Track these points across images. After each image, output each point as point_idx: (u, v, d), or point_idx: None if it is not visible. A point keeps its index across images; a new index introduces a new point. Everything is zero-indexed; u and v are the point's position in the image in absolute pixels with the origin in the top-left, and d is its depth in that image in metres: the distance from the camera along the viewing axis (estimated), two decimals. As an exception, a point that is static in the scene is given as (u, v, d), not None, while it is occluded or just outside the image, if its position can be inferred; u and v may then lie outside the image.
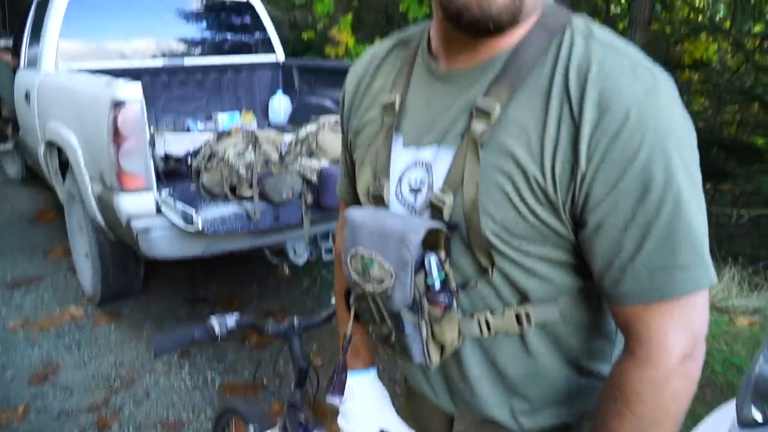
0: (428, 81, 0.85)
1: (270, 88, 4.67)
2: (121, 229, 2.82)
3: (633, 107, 0.68)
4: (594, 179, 0.70)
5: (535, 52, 0.76)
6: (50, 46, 3.78)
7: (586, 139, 0.70)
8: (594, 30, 0.76)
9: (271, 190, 2.55)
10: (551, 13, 0.78)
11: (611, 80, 0.70)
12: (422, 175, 0.82)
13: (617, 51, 0.73)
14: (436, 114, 0.82)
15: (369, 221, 0.82)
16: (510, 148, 0.74)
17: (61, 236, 4.39)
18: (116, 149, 2.58)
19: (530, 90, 0.75)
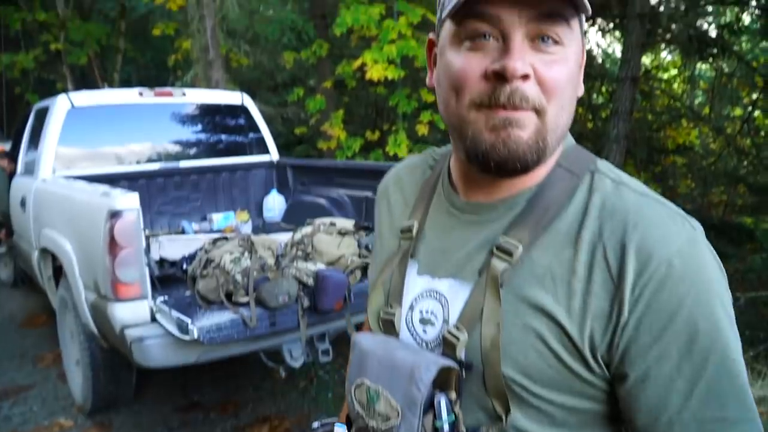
0: (447, 210, 0.85)
1: (264, 187, 4.74)
2: (114, 338, 2.78)
3: (676, 257, 0.67)
4: (638, 329, 0.67)
5: (560, 194, 0.75)
6: (48, 153, 3.85)
7: (629, 288, 0.67)
8: (622, 176, 0.76)
9: (268, 295, 2.53)
10: (574, 154, 0.79)
11: (652, 229, 0.69)
12: (435, 307, 0.80)
13: (651, 199, 0.73)
14: (454, 246, 0.81)
15: (379, 351, 0.79)
16: (535, 293, 0.72)
17: (51, 342, 4.31)
18: (112, 259, 2.58)
19: (556, 233, 0.73)
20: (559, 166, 0.77)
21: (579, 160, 0.78)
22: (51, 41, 9.74)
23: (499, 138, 0.71)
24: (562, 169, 0.76)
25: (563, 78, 0.71)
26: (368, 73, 6.20)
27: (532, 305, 0.72)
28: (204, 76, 6.80)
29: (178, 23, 8.87)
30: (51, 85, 10.74)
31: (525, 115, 0.70)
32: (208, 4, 6.50)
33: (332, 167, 4.39)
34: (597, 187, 0.74)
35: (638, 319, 0.67)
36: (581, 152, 0.79)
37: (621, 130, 6.05)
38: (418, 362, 0.74)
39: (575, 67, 0.73)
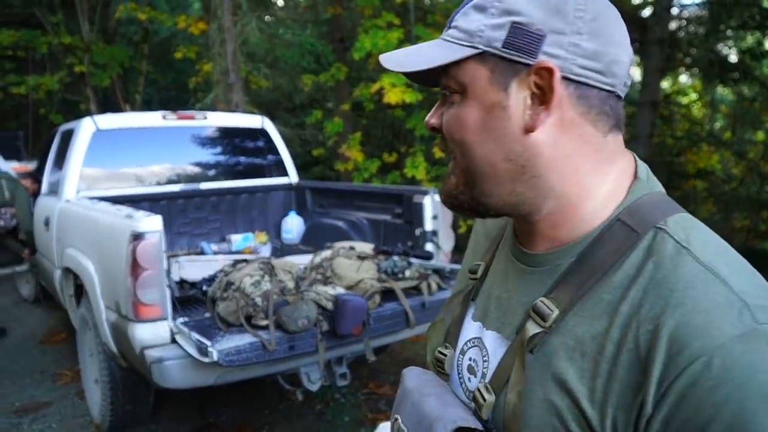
0: (507, 256, 0.82)
1: (283, 209, 4.78)
2: (134, 358, 2.79)
3: (717, 352, 0.56)
4: None
5: (611, 254, 0.68)
6: (73, 174, 3.92)
7: (654, 381, 0.59)
8: (693, 237, 0.65)
9: (287, 319, 2.53)
10: (644, 205, 0.70)
11: (695, 313, 0.59)
12: (479, 358, 0.78)
13: (714, 274, 0.61)
14: (505, 296, 0.78)
15: (415, 393, 0.79)
16: (562, 366, 0.67)
17: (71, 359, 4.35)
18: (133, 280, 2.61)
19: (597, 300, 0.67)
20: (618, 220, 0.69)
21: (647, 213, 0.68)
22: (75, 64, 9.95)
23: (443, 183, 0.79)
24: (620, 223, 0.69)
25: (449, 122, 0.73)
26: (386, 96, 6.26)
27: (557, 379, 0.67)
28: (224, 98, 6.90)
29: (199, 47, 9.03)
30: (74, 106, 10.96)
31: (452, 163, 0.76)
32: (229, 29, 6.62)
33: (351, 190, 4.41)
34: (655, 250, 0.65)
35: (664, 421, 0.59)
36: (656, 204, 0.70)
37: (641, 155, 6.02)
38: (440, 416, 0.73)
39: (476, 108, 0.71)
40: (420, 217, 3.49)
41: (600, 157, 0.71)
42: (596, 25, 0.67)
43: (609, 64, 0.68)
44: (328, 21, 9.02)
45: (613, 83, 0.69)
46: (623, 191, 0.71)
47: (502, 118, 0.69)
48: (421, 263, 3.29)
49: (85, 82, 10.26)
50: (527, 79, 0.68)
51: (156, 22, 10.39)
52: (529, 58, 0.67)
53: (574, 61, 0.67)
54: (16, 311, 5.93)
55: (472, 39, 0.70)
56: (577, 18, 0.67)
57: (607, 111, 0.70)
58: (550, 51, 0.67)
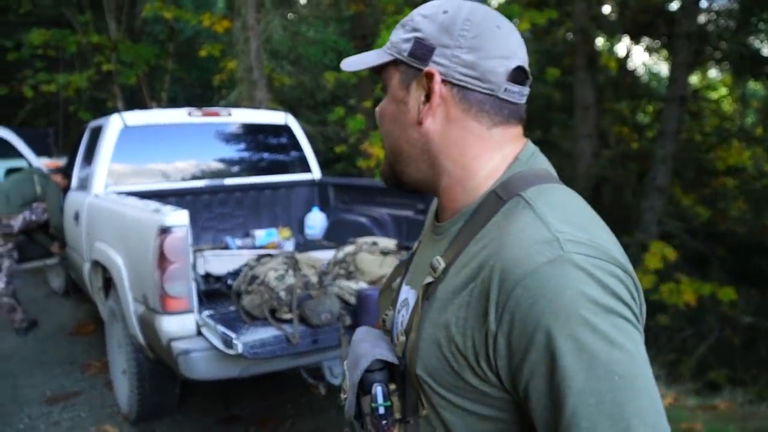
0: (428, 231, 1.00)
1: (306, 204, 4.81)
2: (160, 349, 2.85)
3: (529, 277, 0.71)
4: (508, 348, 0.73)
5: (481, 217, 0.83)
6: (101, 169, 4.00)
7: (493, 305, 0.74)
8: (540, 199, 0.80)
9: (311, 313, 2.57)
10: (515, 179, 0.84)
11: (515, 248, 0.74)
12: (405, 313, 0.95)
13: (540, 220, 0.76)
14: (422, 261, 0.95)
15: (355, 342, 0.96)
16: (442, 306, 0.82)
17: (99, 351, 4.44)
18: (161, 273, 2.66)
19: (468, 253, 0.82)
20: (493, 192, 0.85)
21: (515, 185, 0.83)
22: (103, 62, 10.12)
23: None
24: (494, 194, 0.84)
25: (378, 113, 0.94)
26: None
27: (439, 317, 0.82)
28: (248, 96, 6.97)
29: (223, 44, 9.13)
30: (102, 103, 11.15)
31: None
32: (253, 27, 6.68)
33: (373, 186, 4.43)
34: (510, 210, 0.81)
35: (506, 335, 0.73)
36: (524, 178, 0.85)
37: (668, 151, 5.96)
38: (365, 353, 0.89)
39: (389, 103, 0.91)
40: (442, 212, 3.50)
41: (484, 145, 0.87)
42: (476, 42, 0.84)
43: (484, 73, 0.84)
44: (351, 18, 9.06)
45: (491, 88, 0.84)
46: (502, 170, 0.87)
47: (404, 111, 0.89)
48: (443, 259, 3.29)
49: (112, 80, 10.44)
50: (421, 81, 0.86)
51: (181, 21, 10.52)
52: (423, 65, 0.86)
53: (455, 69, 0.84)
54: (47, 303, 6.07)
55: (392, 49, 0.90)
56: (461, 36, 0.84)
57: (487, 110, 0.86)
58: (437, 60, 0.85)
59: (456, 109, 0.86)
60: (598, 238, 0.75)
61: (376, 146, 7.22)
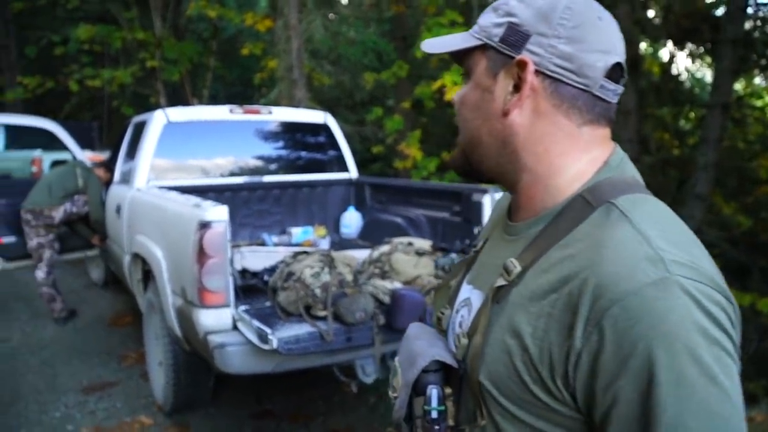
0: (499, 230, 0.94)
1: (342, 204, 4.84)
2: (197, 342, 2.90)
3: (632, 296, 0.66)
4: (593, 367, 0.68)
5: (567, 222, 0.78)
6: (144, 164, 4.09)
7: (581, 320, 0.69)
8: (637, 210, 0.75)
9: (345, 311, 2.58)
10: (604, 185, 0.79)
11: (617, 264, 0.68)
12: (466, 314, 0.91)
13: (642, 236, 0.70)
14: (490, 261, 0.90)
15: (410, 339, 0.92)
16: (516, 312, 0.77)
17: (136, 342, 4.54)
18: (200, 267, 2.71)
19: (550, 258, 0.77)
20: (580, 196, 0.80)
21: (605, 191, 0.78)
22: (147, 59, 10.33)
23: None
24: (581, 198, 0.79)
25: (457, 99, 0.89)
26: (447, 94, 6.25)
27: (511, 323, 0.77)
28: (288, 94, 7.04)
29: (265, 43, 9.23)
30: (145, 99, 11.39)
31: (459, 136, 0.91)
32: (294, 26, 6.74)
33: (410, 187, 4.43)
34: (602, 219, 0.75)
35: (592, 358, 0.68)
36: (615, 185, 0.79)
37: (710, 159, 5.83)
38: (423, 352, 0.86)
39: (472, 90, 0.86)
40: (478, 215, 3.49)
41: (571, 143, 0.82)
42: (576, 33, 0.79)
43: (581, 67, 0.79)
44: (391, 19, 9.07)
45: (587, 83, 0.79)
46: (590, 174, 0.82)
47: (488, 100, 0.84)
48: (478, 262, 3.28)
49: (156, 76, 10.65)
50: (511, 70, 0.81)
51: (224, 19, 10.67)
52: (515, 53, 0.81)
53: (550, 60, 0.79)
54: (86, 294, 6.23)
55: (480, 33, 0.85)
56: (560, 25, 0.79)
57: (579, 106, 0.81)
58: (531, 49, 0.80)
59: (546, 103, 0.81)
60: (699, 260, 0.70)
61: (413, 147, 7.23)
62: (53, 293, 5.20)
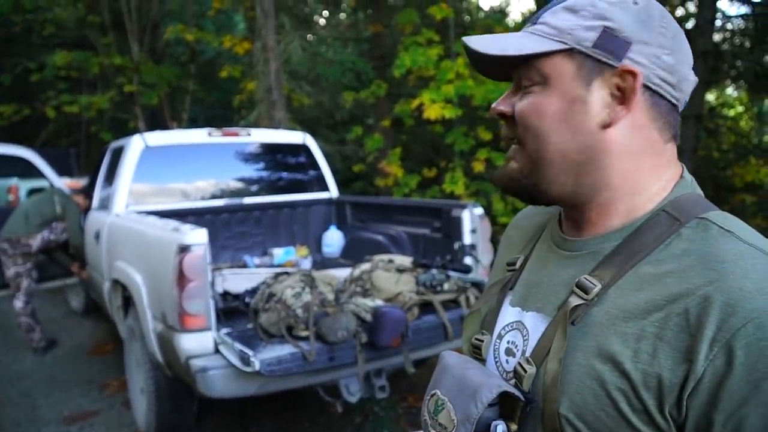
0: (548, 246, 0.87)
1: (324, 223, 4.85)
2: (179, 367, 2.87)
3: (761, 316, 0.61)
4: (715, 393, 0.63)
5: (653, 237, 0.73)
6: (122, 189, 4.06)
7: (706, 342, 0.63)
8: (735, 225, 0.72)
9: (327, 330, 2.58)
10: (688, 202, 0.76)
11: (745, 279, 0.64)
12: (518, 338, 0.82)
13: (760, 251, 0.68)
14: (545, 280, 0.83)
15: (456, 367, 0.82)
16: (604, 334, 0.71)
17: (117, 370, 4.47)
18: (180, 291, 2.69)
19: (641, 274, 0.72)
20: (663, 211, 0.75)
21: (690, 207, 0.75)
22: (125, 83, 10.31)
23: (501, 168, 0.84)
24: (666, 213, 0.75)
25: (526, 110, 0.77)
26: (426, 112, 6.31)
27: (599, 346, 0.70)
28: (267, 116, 7.06)
29: (243, 66, 9.27)
30: (124, 124, 11.33)
31: (514, 148, 0.81)
32: (272, 48, 6.78)
33: (390, 205, 4.45)
34: (699, 234, 0.71)
35: (716, 381, 0.62)
36: (697, 201, 0.76)
37: (686, 168, 5.93)
38: (484, 383, 0.75)
39: (558, 100, 0.76)
40: (458, 230, 3.51)
41: (658, 160, 0.77)
42: (675, 43, 0.75)
43: (680, 81, 0.75)
44: (369, 39, 9.16)
45: (680, 98, 0.76)
46: (669, 189, 0.77)
47: (582, 111, 0.75)
48: (459, 276, 3.30)
49: (134, 101, 10.62)
50: (610, 79, 0.74)
51: (203, 42, 10.70)
52: (616, 61, 0.73)
53: (654, 71, 0.74)
54: (66, 323, 6.13)
55: (563, 36, 0.75)
56: (660, 33, 0.74)
57: (671, 122, 0.77)
58: (634, 57, 0.73)
59: (644, 117, 0.75)
60: None
61: (393, 165, 7.27)
62: (32, 323, 5.11)
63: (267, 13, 6.76)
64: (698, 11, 6.08)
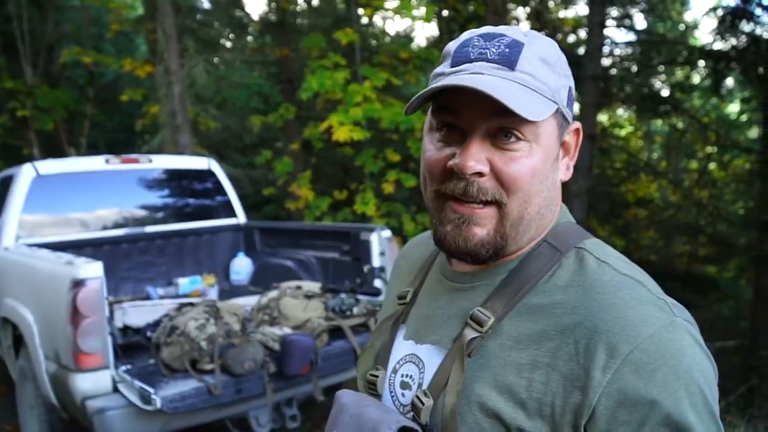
0: (438, 279, 0.88)
1: (231, 250, 4.74)
2: (75, 409, 2.72)
3: (649, 341, 0.66)
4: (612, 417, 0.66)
5: (538, 268, 0.76)
6: (11, 221, 3.82)
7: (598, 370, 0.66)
8: (609, 255, 0.77)
9: (234, 362, 2.52)
10: (565, 231, 0.80)
11: (626, 310, 0.68)
12: (414, 371, 0.82)
13: (633, 280, 0.72)
14: (437, 313, 0.83)
15: (352, 406, 0.82)
16: (499, 366, 0.73)
17: (10, 414, 4.17)
18: (74, 328, 2.55)
19: (530, 305, 0.75)
20: (545, 242, 0.79)
21: (567, 237, 0.79)
22: (18, 108, 9.74)
23: (455, 232, 0.76)
24: (547, 244, 0.78)
25: (523, 174, 0.73)
26: (335, 134, 6.33)
27: (495, 377, 0.72)
28: (172, 140, 6.86)
29: (146, 89, 8.99)
30: (17, 150, 10.68)
31: (483, 212, 0.74)
32: (176, 72, 6.62)
33: (299, 229, 4.43)
34: (579, 265, 0.75)
35: (612, 405, 0.66)
36: (574, 230, 0.81)
37: (582, 186, 6.24)
38: (382, 420, 0.75)
39: (544, 159, 0.74)
40: (368, 253, 3.53)
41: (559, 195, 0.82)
42: None
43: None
44: (276, 62, 9.12)
45: None
46: (554, 220, 0.81)
47: (555, 169, 0.78)
48: (368, 300, 3.31)
49: (28, 126, 10.05)
50: (566, 136, 0.79)
51: (101, 66, 10.30)
52: (570, 118, 0.78)
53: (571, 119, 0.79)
54: (-48, 366, 5.66)
55: (555, 96, 0.75)
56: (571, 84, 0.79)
57: None
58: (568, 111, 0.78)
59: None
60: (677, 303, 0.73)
61: (304, 188, 7.23)
62: None
63: (169, 36, 6.60)
64: (588, 37, 6.46)
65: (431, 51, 7.98)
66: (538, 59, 0.74)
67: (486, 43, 0.75)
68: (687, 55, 7.22)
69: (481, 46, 0.75)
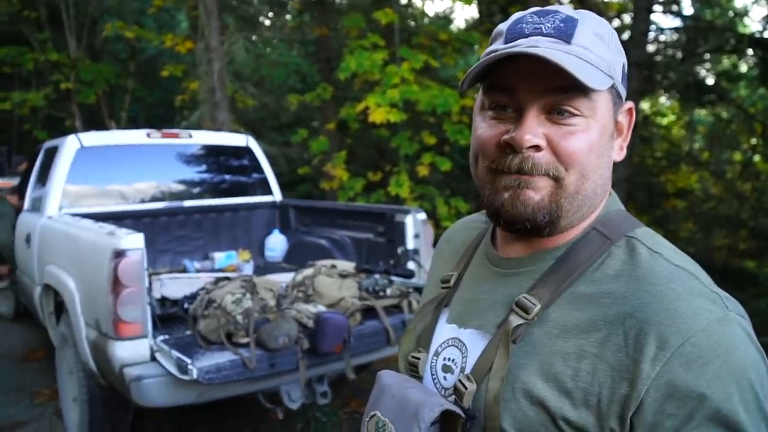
0: (483, 264, 0.88)
1: (267, 227, 4.79)
2: (113, 376, 2.79)
3: (701, 335, 0.65)
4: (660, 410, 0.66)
5: (587, 256, 0.76)
6: (56, 191, 3.91)
7: (647, 362, 0.66)
8: (661, 245, 0.76)
9: (268, 337, 2.55)
10: (615, 219, 0.79)
11: (678, 302, 0.68)
12: (456, 355, 0.82)
13: (686, 273, 0.72)
14: (483, 298, 0.83)
15: (395, 387, 0.82)
16: (545, 352, 0.73)
17: (49, 378, 4.30)
18: (114, 298, 2.61)
19: (578, 294, 0.74)
20: (593, 229, 0.78)
21: (617, 225, 0.78)
22: (62, 80, 9.94)
23: (512, 197, 0.75)
24: (596, 232, 0.77)
25: (581, 148, 0.73)
26: (371, 116, 6.31)
27: (541, 365, 0.72)
28: (210, 117, 6.93)
29: (186, 65, 9.07)
30: (60, 122, 10.92)
31: (538, 179, 0.74)
32: (216, 48, 6.66)
33: (334, 209, 4.44)
34: (631, 254, 0.74)
35: (661, 397, 0.65)
36: (624, 218, 0.80)
37: (621, 175, 6.13)
38: (425, 402, 0.75)
39: (600, 135, 0.74)
40: (402, 235, 3.53)
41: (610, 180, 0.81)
42: None
43: None
44: (315, 41, 9.11)
45: None
46: (602, 206, 0.81)
47: (611, 147, 0.78)
48: (402, 281, 3.32)
49: (71, 98, 10.25)
50: (619, 114, 0.78)
51: (143, 41, 10.43)
52: (622, 97, 0.79)
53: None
54: (-3, 328, 5.87)
55: (611, 70, 0.74)
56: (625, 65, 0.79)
57: None
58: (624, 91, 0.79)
59: None
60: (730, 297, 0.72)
61: (339, 168, 7.25)
62: (-43, 330, 4.88)
63: (210, 13, 6.64)
64: (633, 23, 6.31)
65: (471, 33, 7.88)
66: (593, 34, 0.74)
67: (540, 18, 0.75)
68: (735, 43, 6.99)
69: (535, 22, 0.75)
